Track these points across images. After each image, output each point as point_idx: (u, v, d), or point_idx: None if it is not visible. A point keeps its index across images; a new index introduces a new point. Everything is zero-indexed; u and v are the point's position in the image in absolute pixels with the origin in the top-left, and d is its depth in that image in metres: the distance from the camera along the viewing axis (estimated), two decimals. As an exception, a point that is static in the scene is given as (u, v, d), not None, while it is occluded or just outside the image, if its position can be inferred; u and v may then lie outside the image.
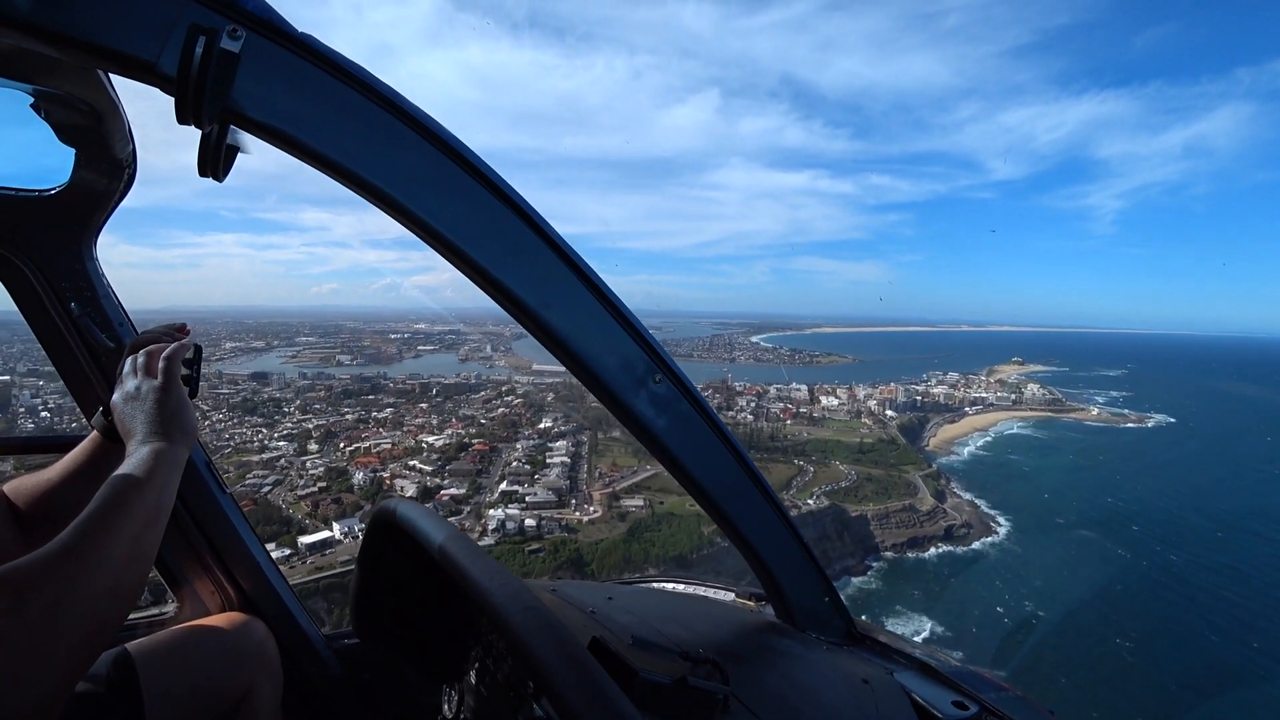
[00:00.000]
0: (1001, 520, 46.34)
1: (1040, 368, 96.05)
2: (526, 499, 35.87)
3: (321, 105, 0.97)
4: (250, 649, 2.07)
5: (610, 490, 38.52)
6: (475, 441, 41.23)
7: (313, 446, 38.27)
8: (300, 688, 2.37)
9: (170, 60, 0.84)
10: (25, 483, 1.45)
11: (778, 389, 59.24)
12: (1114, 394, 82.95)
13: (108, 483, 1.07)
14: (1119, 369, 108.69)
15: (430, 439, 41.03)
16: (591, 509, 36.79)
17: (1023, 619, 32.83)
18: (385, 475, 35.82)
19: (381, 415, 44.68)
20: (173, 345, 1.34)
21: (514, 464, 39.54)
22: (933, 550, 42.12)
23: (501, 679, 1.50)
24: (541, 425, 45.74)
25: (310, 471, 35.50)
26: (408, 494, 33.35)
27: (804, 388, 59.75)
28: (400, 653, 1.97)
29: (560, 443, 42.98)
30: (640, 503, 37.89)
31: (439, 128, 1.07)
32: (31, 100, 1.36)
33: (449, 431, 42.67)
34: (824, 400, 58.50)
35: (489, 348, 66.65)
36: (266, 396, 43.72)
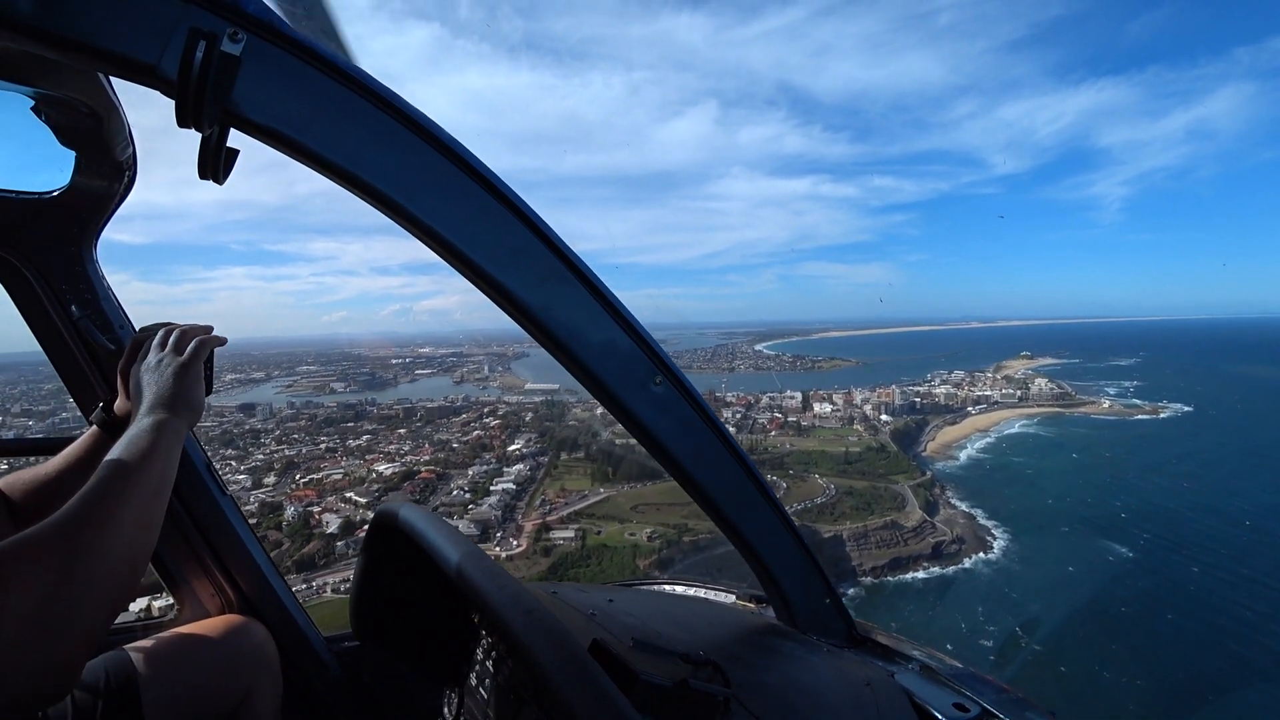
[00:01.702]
0: (998, 533, 41.71)
1: (1050, 361, 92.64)
2: (448, 534, 34.23)
3: (321, 108, 0.97)
4: (250, 651, 2.07)
5: (541, 522, 36.99)
6: (422, 469, 40.44)
7: (269, 479, 37.22)
8: (300, 690, 2.36)
9: (171, 63, 0.84)
10: (21, 477, 1.45)
11: (770, 398, 57.38)
12: (1126, 384, 78.37)
13: (113, 451, 1.09)
14: (1131, 358, 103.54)
15: (382, 468, 40.10)
16: (516, 544, 35.15)
17: (1011, 655, 28.68)
18: (316, 510, 34.49)
19: (357, 443, 44.06)
20: (207, 334, 1.37)
21: (455, 493, 38.20)
22: (918, 572, 37.52)
23: (502, 681, 1.50)
24: (511, 448, 44.89)
25: (246, 507, 33.66)
26: (330, 529, 32.42)
27: (798, 395, 57.60)
28: (401, 655, 1.97)
29: (517, 466, 41.84)
30: (570, 535, 36.33)
31: (438, 130, 1.07)
32: (32, 103, 1.36)
33: (408, 459, 41.93)
34: (817, 407, 56.08)
35: (486, 369, 66.62)
36: (248, 428, 43.19)
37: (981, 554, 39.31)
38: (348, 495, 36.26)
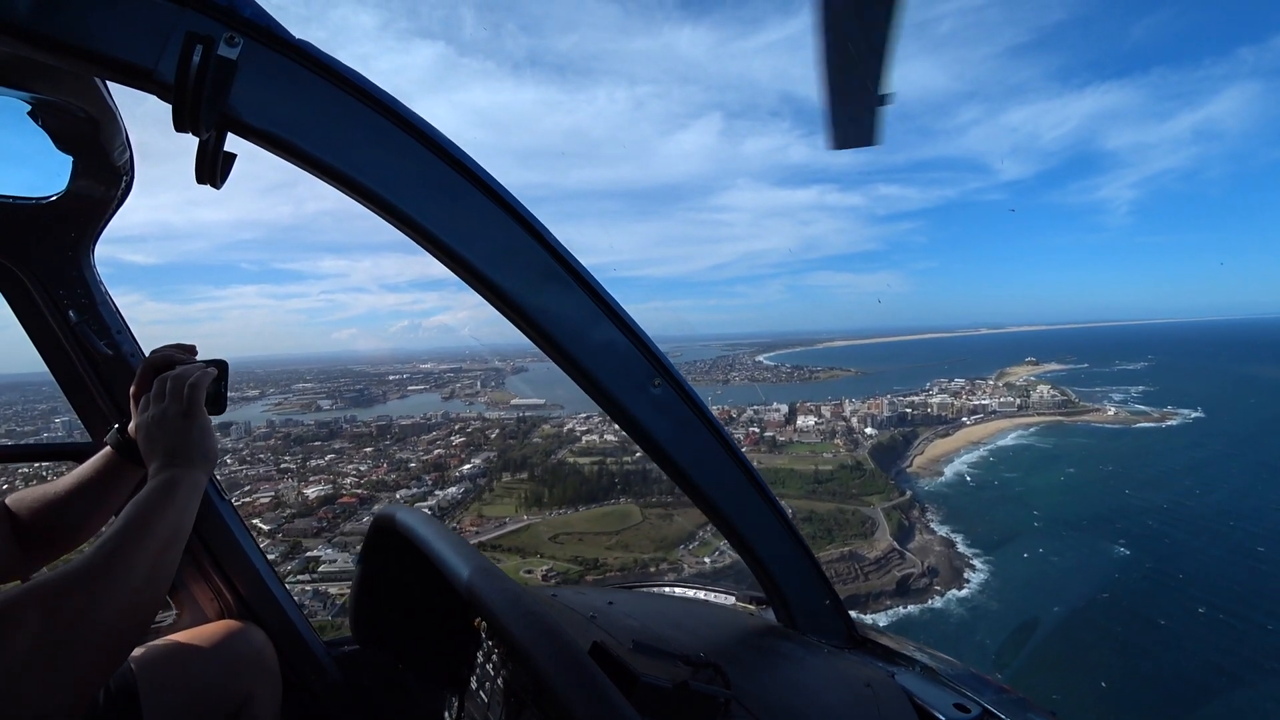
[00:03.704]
0: (978, 563, 36.31)
1: (1056, 366, 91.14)
2: (322, 568, 32.66)
3: (318, 111, 0.97)
4: (249, 656, 2.06)
5: None
6: (345, 494, 39.75)
7: (207, 503, 36.89)
8: (300, 694, 2.36)
9: (168, 67, 0.84)
10: (30, 495, 1.45)
11: (755, 411, 55.65)
12: (1134, 390, 75.22)
13: (131, 504, 1.11)
14: (1140, 361, 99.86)
15: (310, 491, 39.49)
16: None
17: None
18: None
19: (319, 462, 43.80)
20: (198, 373, 1.36)
21: (367, 519, 35.90)
22: (878, 614, 32.15)
23: (502, 684, 1.50)
24: (464, 467, 44.49)
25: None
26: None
27: (784, 408, 55.57)
28: (400, 659, 1.96)
29: (451, 489, 41.18)
30: None
31: (435, 132, 1.07)
32: (29, 108, 1.37)
33: (348, 480, 41.48)
34: (801, 420, 53.59)
35: (479, 384, 66.82)
36: (219, 448, 43.22)
37: (955, 590, 34.10)
38: (253, 521, 35.62)
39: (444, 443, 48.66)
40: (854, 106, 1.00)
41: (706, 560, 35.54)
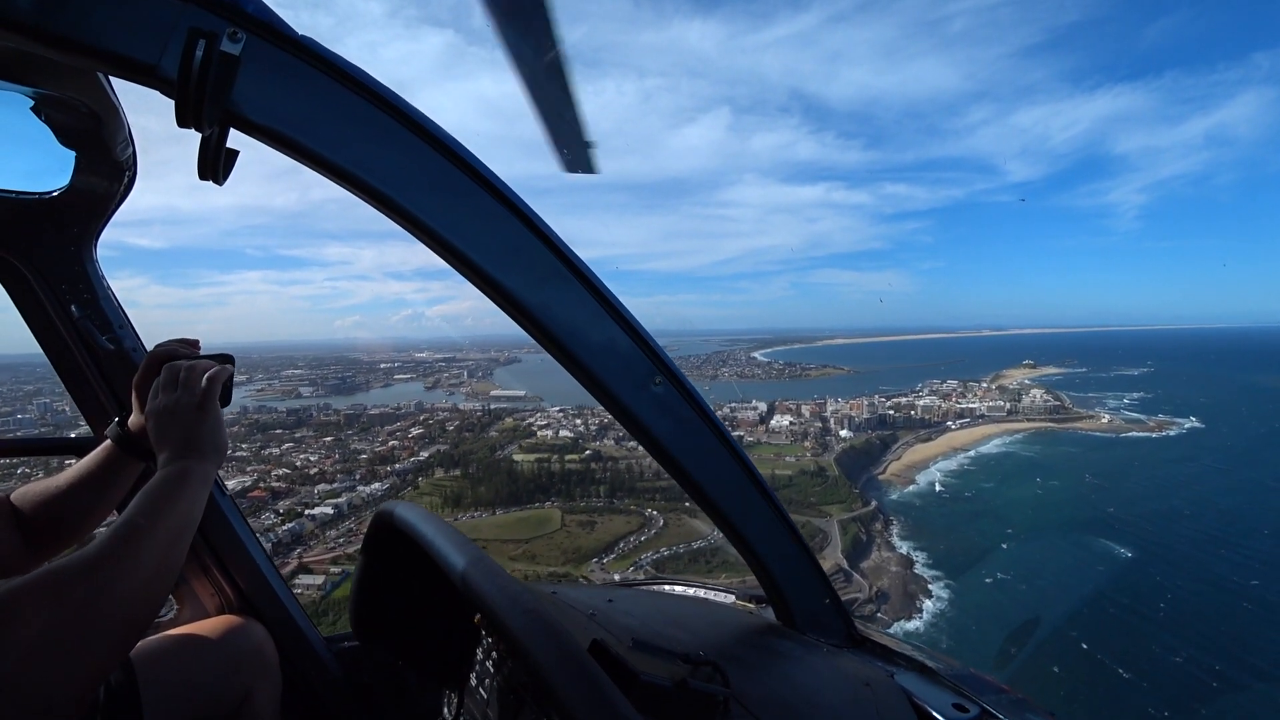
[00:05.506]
0: (936, 588, 32.18)
1: (1054, 370, 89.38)
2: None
3: (321, 107, 0.97)
4: (249, 651, 2.07)
5: (298, 563, 33.69)
6: (258, 488, 39.29)
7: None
8: (299, 690, 2.36)
9: (171, 63, 0.84)
10: (33, 489, 1.46)
11: (731, 408, 53.67)
12: (1131, 396, 72.33)
13: (141, 493, 1.11)
14: (1140, 367, 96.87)
15: (230, 482, 37.86)
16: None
17: None
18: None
19: (274, 451, 43.62)
20: (216, 367, 1.35)
21: (267, 517, 36.20)
22: None
23: (502, 681, 1.50)
24: (405, 462, 44.12)
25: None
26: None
27: (761, 406, 53.71)
28: (400, 655, 1.97)
29: (375, 485, 40.46)
30: (320, 581, 32.45)
31: (438, 129, 1.07)
32: (32, 103, 1.37)
33: (282, 471, 41.20)
34: (775, 420, 51.20)
35: (466, 374, 66.70)
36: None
37: (904, 620, 29.80)
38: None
39: (401, 434, 48.07)
40: (568, 145, 1.32)
41: (616, 577, 32.39)
